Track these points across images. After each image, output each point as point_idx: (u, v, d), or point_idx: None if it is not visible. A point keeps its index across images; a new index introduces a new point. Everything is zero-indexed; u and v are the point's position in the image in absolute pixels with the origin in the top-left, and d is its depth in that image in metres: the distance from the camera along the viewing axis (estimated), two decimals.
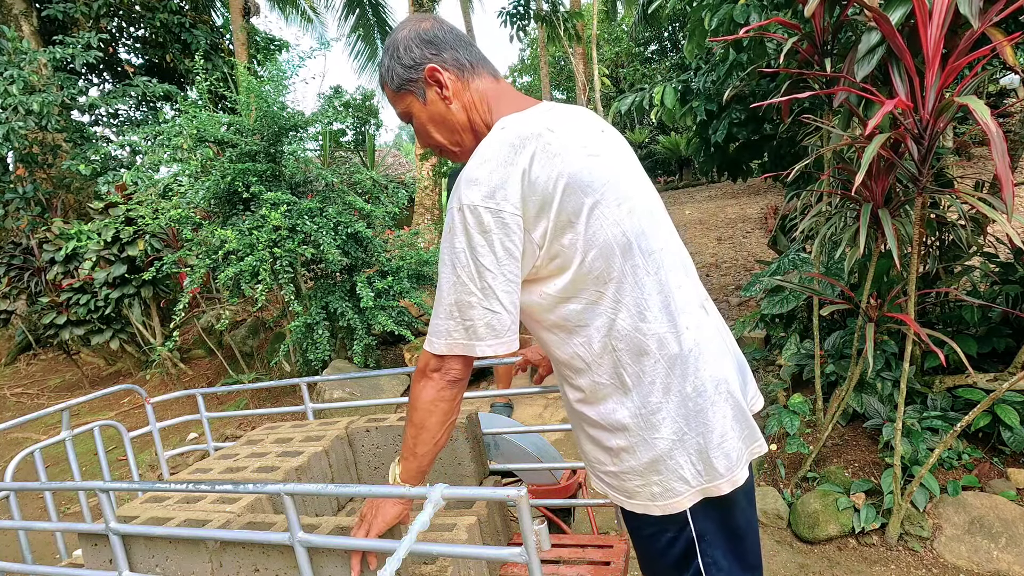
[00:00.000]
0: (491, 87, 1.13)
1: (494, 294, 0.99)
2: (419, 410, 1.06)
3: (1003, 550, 2.28)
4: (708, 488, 1.06)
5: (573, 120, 1.09)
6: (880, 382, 2.86)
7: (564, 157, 1.00)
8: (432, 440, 1.07)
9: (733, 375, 1.11)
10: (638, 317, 1.03)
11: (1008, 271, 2.89)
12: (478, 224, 0.97)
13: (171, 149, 4.73)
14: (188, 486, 1.17)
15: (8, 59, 6.09)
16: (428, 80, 1.10)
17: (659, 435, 1.04)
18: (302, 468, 1.63)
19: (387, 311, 4.74)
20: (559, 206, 0.99)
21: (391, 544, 1.01)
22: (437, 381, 1.04)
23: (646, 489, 1.07)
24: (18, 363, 7.84)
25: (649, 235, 1.05)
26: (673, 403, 1.04)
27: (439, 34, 1.10)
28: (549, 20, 8.11)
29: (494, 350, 1.01)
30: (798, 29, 2.43)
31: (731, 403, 1.07)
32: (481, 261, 0.98)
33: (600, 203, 1.01)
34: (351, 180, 5.15)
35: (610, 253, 1.01)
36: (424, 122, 1.14)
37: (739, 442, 1.07)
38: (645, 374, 1.03)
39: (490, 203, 0.97)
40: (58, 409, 2.01)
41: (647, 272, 1.04)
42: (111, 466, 2.50)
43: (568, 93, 19.83)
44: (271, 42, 9.84)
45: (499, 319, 1.00)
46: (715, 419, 1.05)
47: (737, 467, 1.06)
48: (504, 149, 1.00)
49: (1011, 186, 1.66)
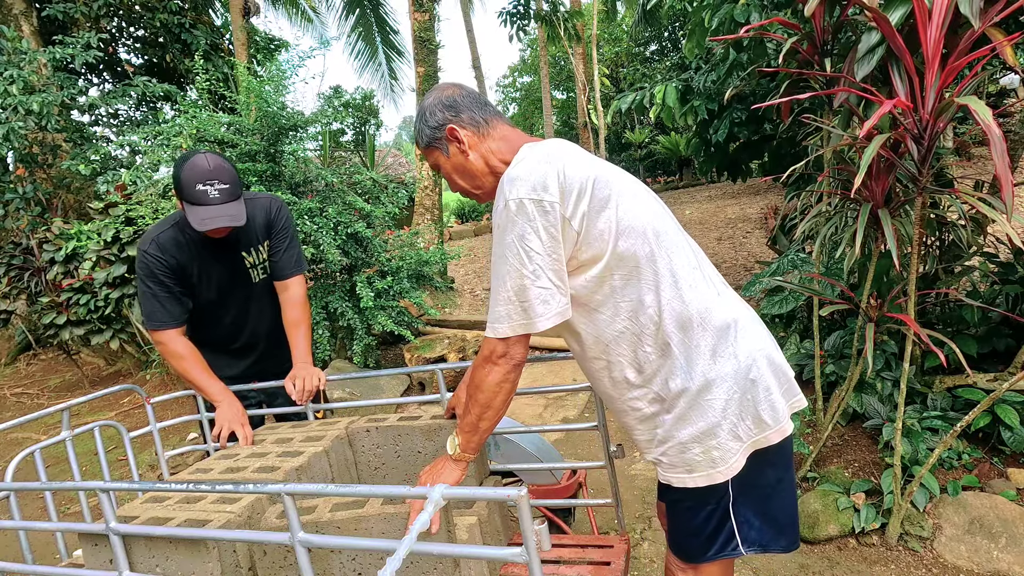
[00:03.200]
0: (507, 133, 1.32)
1: (544, 272, 1.14)
2: (486, 391, 1.21)
3: (1003, 550, 2.28)
4: (759, 440, 1.20)
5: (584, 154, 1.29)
6: (880, 382, 2.86)
7: (587, 163, 1.21)
8: (496, 416, 1.25)
9: (767, 339, 1.26)
10: (677, 288, 1.19)
11: (1008, 271, 2.89)
12: (524, 214, 1.13)
13: (171, 149, 4.73)
14: (188, 486, 1.17)
15: (8, 59, 6.09)
16: (449, 137, 1.30)
17: (711, 396, 1.17)
18: (302, 468, 1.63)
19: (387, 311, 4.73)
20: (592, 195, 1.16)
21: (391, 544, 1.01)
22: (503, 365, 1.19)
23: (706, 455, 1.19)
24: (18, 363, 7.84)
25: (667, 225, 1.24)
26: (721, 366, 1.18)
27: (458, 99, 1.31)
28: (549, 20, 8.11)
29: (552, 321, 1.16)
30: (798, 29, 2.44)
31: (768, 360, 1.22)
32: (530, 246, 1.13)
33: (623, 195, 1.19)
34: (351, 180, 5.15)
35: (641, 234, 1.18)
36: (449, 171, 1.35)
37: (781, 396, 1.22)
38: (692, 341, 1.18)
39: (532, 195, 1.13)
40: (58, 409, 2.00)
41: (675, 251, 1.21)
42: (111, 466, 2.50)
43: (568, 93, 19.81)
44: (271, 42, 9.84)
45: (551, 294, 1.15)
46: (760, 376, 1.19)
47: (784, 418, 1.21)
48: (537, 156, 1.19)
49: (1011, 186, 1.66)
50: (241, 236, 2.07)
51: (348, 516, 1.24)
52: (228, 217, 1.87)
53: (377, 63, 13.73)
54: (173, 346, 2.00)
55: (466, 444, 1.28)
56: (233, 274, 2.11)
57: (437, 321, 6.00)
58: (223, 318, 2.18)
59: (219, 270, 2.08)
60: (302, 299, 2.18)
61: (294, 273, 2.18)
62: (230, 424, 1.93)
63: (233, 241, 2.06)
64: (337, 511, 1.28)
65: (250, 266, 2.13)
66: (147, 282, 1.98)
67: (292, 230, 2.20)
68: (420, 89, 7.44)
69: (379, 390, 4.86)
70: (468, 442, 1.27)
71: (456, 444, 1.30)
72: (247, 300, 2.17)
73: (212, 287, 2.09)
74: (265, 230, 2.13)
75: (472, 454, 1.29)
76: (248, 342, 2.24)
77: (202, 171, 1.84)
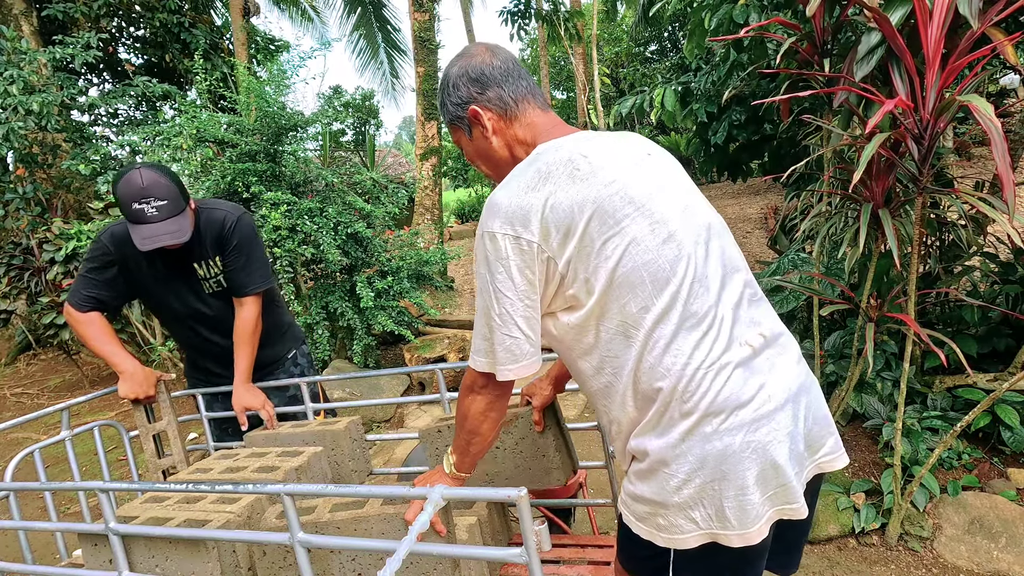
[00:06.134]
0: (537, 119, 1.15)
1: (512, 319, 1.03)
2: (471, 420, 1.15)
3: (1003, 550, 2.28)
4: (717, 535, 1.01)
5: (613, 146, 1.09)
6: (880, 382, 2.86)
7: (592, 183, 1.01)
8: (485, 441, 1.19)
9: (779, 431, 1.00)
10: (662, 353, 1.00)
11: (1008, 271, 2.89)
12: (496, 251, 1.02)
13: (171, 149, 4.73)
14: (188, 486, 1.17)
15: (8, 59, 6.09)
16: (472, 120, 1.16)
17: (670, 471, 1.01)
18: (302, 468, 1.62)
19: (387, 311, 4.73)
20: (583, 233, 1.00)
21: (391, 544, 1.01)
22: (486, 396, 1.12)
23: (653, 519, 1.06)
24: (18, 363, 7.83)
25: (685, 264, 1.01)
26: (691, 444, 1.00)
27: (487, 71, 1.14)
28: (550, 19, 8.11)
29: (515, 374, 1.06)
30: (798, 29, 2.43)
31: (761, 461, 0.99)
32: (499, 287, 1.02)
33: (626, 231, 1.00)
34: (351, 180, 5.15)
35: (636, 283, 1.00)
36: (471, 155, 1.22)
37: (762, 499, 1.00)
38: (668, 411, 1.01)
39: (508, 230, 1.01)
40: (58, 409, 2.00)
41: (677, 306, 1.00)
42: (111, 466, 2.50)
43: (568, 93, 19.80)
44: (271, 42, 9.83)
45: (517, 344, 1.04)
46: (735, 472, 0.98)
47: (753, 524, 0.99)
48: (530, 175, 1.04)
49: (1012, 186, 1.66)
50: (192, 248, 1.99)
51: (348, 516, 1.24)
52: (169, 235, 1.81)
53: (379, 62, 13.74)
54: (75, 320, 2.01)
55: (460, 464, 1.23)
56: (186, 282, 2.07)
57: (437, 321, 6.00)
58: (185, 324, 2.16)
59: (172, 276, 2.05)
60: (251, 320, 2.07)
61: (247, 292, 2.06)
62: (134, 396, 1.96)
63: (182, 251, 1.99)
64: (337, 511, 1.27)
65: (202, 278, 2.06)
66: (86, 263, 2.03)
67: (251, 247, 2.06)
68: (420, 89, 7.43)
69: (379, 390, 4.85)
70: (462, 462, 1.23)
71: (451, 463, 1.25)
72: (203, 309, 2.12)
73: (167, 292, 2.07)
74: (216, 246, 2.03)
75: (467, 473, 1.25)
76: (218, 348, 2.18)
77: (135, 189, 1.78)
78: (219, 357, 2.19)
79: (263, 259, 2.12)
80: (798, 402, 1.04)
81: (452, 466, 1.24)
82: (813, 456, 1.07)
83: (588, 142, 1.09)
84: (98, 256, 2.00)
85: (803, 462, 1.04)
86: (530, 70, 21.77)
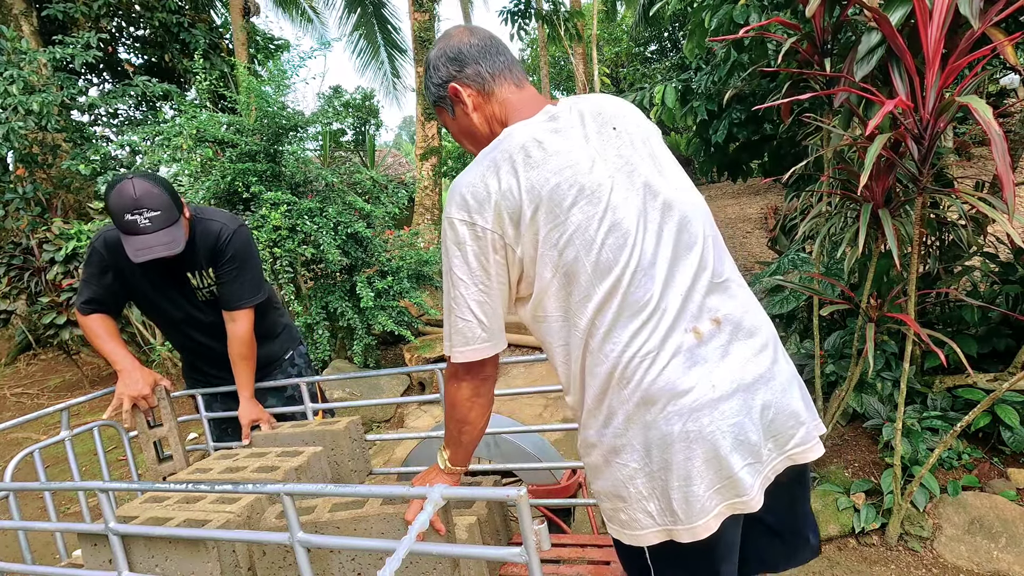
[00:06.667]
0: (511, 96, 1.15)
1: (465, 303, 1.05)
2: (459, 408, 1.14)
3: (1003, 550, 2.28)
4: (670, 530, 1.00)
5: (574, 126, 1.08)
6: (880, 382, 2.86)
7: (541, 171, 1.02)
8: (476, 430, 1.17)
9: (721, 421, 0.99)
10: (602, 341, 1.01)
11: (1008, 271, 2.89)
12: (454, 236, 1.04)
13: (171, 149, 4.73)
14: (188, 486, 1.17)
15: (8, 59, 6.09)
16: (453, 97, 1.16)
17: (621, 460, 1.02)
18: (302, 468, 1.62)
19: (387, 311, 4.74)
20: (531, 222, 1.01)
21: (391, 544, 1.00)
22: (471, 382, 1.12)
23: (615, 515, 1.06)
24: (18, 363, 7.83)
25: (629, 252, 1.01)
26: (634, 432, 1.00)
27: (464, 49, 1.14)
28: (550, 19, 8.11)
29: (465, 356, 1.07)
30: (798, 29, 2.43)
31: (702, 452, 0.98)
32: (455, 272, 1.05)
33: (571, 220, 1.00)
34: (351, 180, 5.15)
35: (578, 272, 1.01)
36: (456, 134, 1.23)
37: (708, 491, 0.98)
38: (608, 399, 1.02)
39: (464, 216, 1.03)
40: (58, 409, 2.00)
41: (617, 294, 1.00)
42: (111, 466, 2.50)
43: (568, 93, 19.81)
44: (271, 42, 9.83)
45: (469, 327, 1.06)
46: (676, 462, 0.98)
47: (698, 517, 0.98)
48: (487, 161, 1.05)
49: (1012, 186, 1.66)
50: (186, 257, 1.97)
51: (347, 516, 1.24)
52: (163, 246, 1.79)
53: (379, 62, 13.74)
54: (81, 323, 2.06)
55: (453, 458, 1.22)
56: (180, 290, 2.06)
57: (437, 321, 6.00)
58: (180, 329, 2.16)
59: (165, 283, 2.05)
60: (245, 335, 2.05)
61: (238, 307, 2.04)
62: (130, 396, 1.94)
63: (175, 260, 1.97)
64: (337, 511, 1.27)
65: (195, 288, 2.05)
66: (84, 268, 2.05)
67: (244, 261, 2.03)
68: (420, 89, 7.43)
69: (379, 390, 4.85)
70: (455, 455, 1.22)
71: (445, 458, 1.24)
72: (197, 315, 2.11)
73: (162, 298, 2.07)
74: (209, 258, 2.01)
75: (462, 466, 1.24)
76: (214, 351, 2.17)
77: (128, 200, 1.75)
78: (215, 360, 2.18)
79: (257, 273, 2.09)
80: (752, 392, 1.02)
81: (446, 461, 1.23)
82: (781, 448, 1.05)
83: (547, 124, 1.08)
84: (95, 262, 2.01)
85: (759, 454, 1.02)
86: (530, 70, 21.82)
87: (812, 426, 1.08)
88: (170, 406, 2.03)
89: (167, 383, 2.04)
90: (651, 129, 1.15)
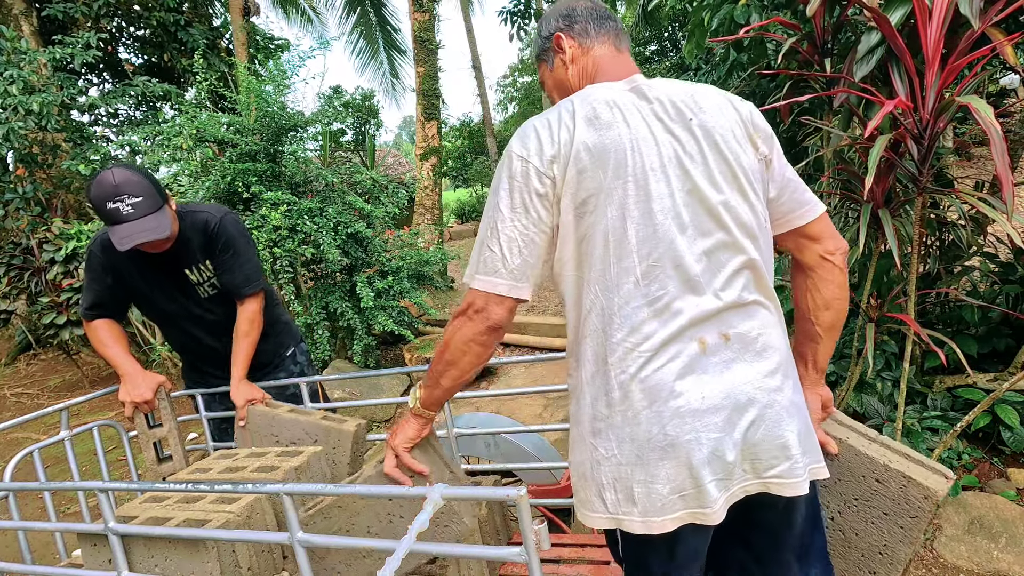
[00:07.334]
0: (608, 54, 1.17)
1: (497, 236, 1.04)
2: (452, 348, 1.09)
3: (1003, 550, 2.28)
4: (620, 520, 1.01)
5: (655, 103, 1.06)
6: (880, 382, 2.86)
7: (601, 136, 1.02)
8: (460, 376, 1.12)
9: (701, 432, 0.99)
10: (608, 321, 1.01)
11: (1008, 271, 2.89)
12: (508, 170, 1.05)
13: (171, 149, 4.73)
14: (187, 486, 1.17)
15: (8, 59, 6.09)
16: (555, 48, 1.20)
17: (595, 443, 1.04)
18: (302, 468, 1.62)
19: (387, 311, 4.74)
20: (576, 182, 1.01)
21: (390, 544, 1.00)
22: (476, 323, 1.06)
23: (577, 491, 1.09)
24: (18, 363, 7.83)
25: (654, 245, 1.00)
26: (614, 421, 1.01)
27: (577, 9, 1.19)
28: None
29: (479, 285, 1.05)
30: (798, 29, 2.43)
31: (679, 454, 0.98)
32: (499, 203, 1.05)
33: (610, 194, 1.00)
34: (351, 180, 5.15)
35: (603, 243, 1.01)
36: (550, 88, 1.25)
37: (672, 495, 0.99)
38: (598, 380, 1.03)
39: (523, 152, 1.04)
40: (57, 409, 2.00)
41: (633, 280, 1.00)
42: (111, 466, 2.50)
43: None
44: (271, 41, 9.83)
45: (493, 259, 1.04)
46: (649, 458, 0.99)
47: (656, 514, 0.99)
48: (560, 110, 1.06)
49: (1011, 186, 1.66)
50: (180, 254, 1.97)
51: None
52: (147, 232, 1.76)
53: (379, 62, 13.73)
54: (86, 329, 2.08)
55: (426, 399, 1.17)
56: (180, 288, 2.05)
57: (437, 321, 6.00)
58: (182, 328, 2.15)
59: (164, 282, 2.04)
60: (253, 314, 2.05)
61: (245, 293, 2.04)
62: (131, 401, 1.96)
63: (170, 258, 1.97)
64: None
65: (195, 283, 2.04)
66: (85, 273, 2.06)
67: (238, 245, 2.03)
68: (420, 89, 7.44)
69: (379, 390, 4.85)
70: (428, 396, 1.16)
71: (417, 397, 1.19)
72: (200, 313, 2.11)
73: (162, 298, 2.07)
74: (204, 250, 2.00)
75: (431, 410, 1.19)
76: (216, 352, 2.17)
77: (108, 188, 1.74)
78: (217, 361, 2.18)
79: (255, 255, 2.09)
80: (742, 411, 1.00)
81: (417, 400, 1.19)
82: (757, 474, 1.03)
83: (627, 93, 1.07)
84: (93, 266, 2.01)
85: (730, 473, 1.00)
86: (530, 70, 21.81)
87: (802, 464, 1.04)
88: (170, 406, 2.03)
89: (167, 384, 2.04)
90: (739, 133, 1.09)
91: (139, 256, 1.95)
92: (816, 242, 1.17)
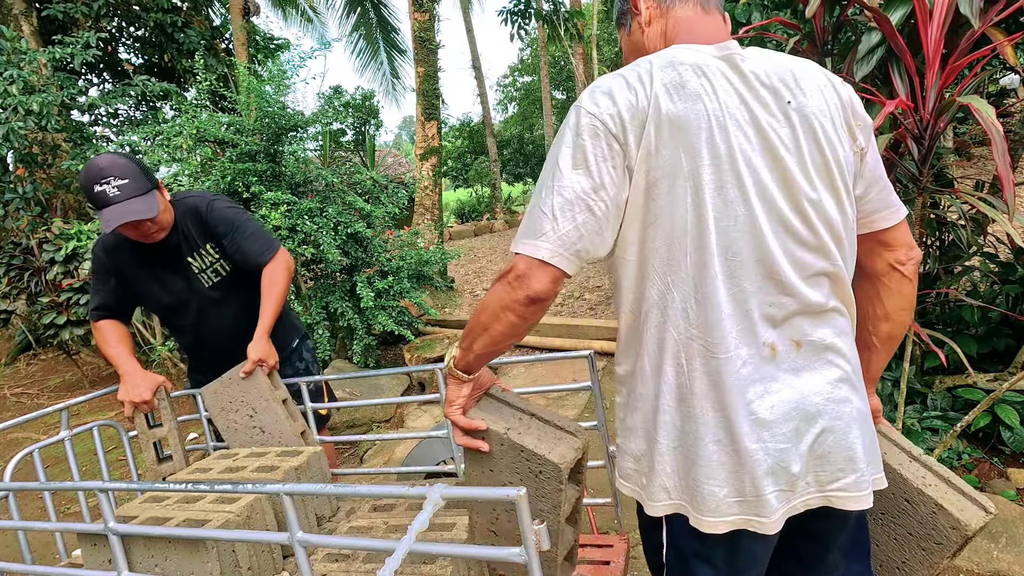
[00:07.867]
0: (692, 15, 1.05)
1: (552, 197, 0.95)
2: (487, 311, 1.01)
3: (1003, 550, 2.28)
4: (682, 505, 1.00)
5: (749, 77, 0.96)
6: (880, 382, 2.86)
7: (686, 108, 0.92)
8: (492, 344, 1.04)
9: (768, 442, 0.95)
10: (675, 315, 0.96)
11: (1008, 271, 2.89)
12: (576, 124, 0.95)
13: (171, 149, 4.73)
14: (187, 486, 1.17)
15: (8, 59, 6.09)
16: (632, 9, 1.11)
17: (659, 435, 1.01)
18: (302, 468, 1.62)
19: (387, 311, 4.74)
20: (652, 153, 0.92)
21: (390, 544, 1.00)
22: (516, 291, 0.97)
23: (638, 477, 1.06)
24: (18, 363, 7.83)
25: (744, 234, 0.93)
26: (679, 416, 0.99)
27: None
28: (550, 19, 8.11)
29: (525, 250, 0.95)
30: (798, 29, 2.44)
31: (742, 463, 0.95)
32: (558, 160, 0.96)
33: (695, 174, 0.92)
34: (351, 180, 5.15)
35: (676, 230, 0.93)
36: (627, 54, 1.15)
37: (727, 497, 0.96)
38: (666, 375, 0.98)
39: (594, 109, 0.94)
40: (57, 409, 2.00)
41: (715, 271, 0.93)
42: (110, 466, 2.50)
43: (568, 93, 19.82)
44: (271, 41, 9.84)
45: (542, 220, 0.95)
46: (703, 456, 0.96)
47: (710, 514, 0.96)
48: (642, 69, 0.96)
49: (1011, 186, 1.66)
50: (181, 242, 1.97)
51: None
52: (133, 213, 1.76)
53: (379, 62, 13.74)
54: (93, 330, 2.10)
55: (459, 359, 1.10)
56: (185, 280, 2.05)
57: (437, 321, 6.00)
58: (184, 323, 2.15)
59: (167, 277, 2.04)
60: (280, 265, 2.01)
61: (266, 259, 2.01)
62: (131, 401, 1.96)
63: (172, 249, 1.97)
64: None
65: (199, 271, 2.03)
66: (93, 276, 2.09)
67: (238, 221, 2.01)
68: (420, 89, 7.44)
69: (379, 390, 4.85)
70: (462, 358, 1.10)
71: (453, 356, 1.12)
72: (203, 305, 2.10)
73: (164, 292, 2.06)
74: (202, 233, 2.00)
75: (464, 372, 1.11)
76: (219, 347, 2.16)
77: (94, 172, 1.75)
78: (222, 356, 2.18)
79: (256, 225, 2.07)
80: (810, 423, 0.96)
81: (452, 359, 1.12)
82: (821, 487, 0.99)
83: (718, 60, 0.97)
84: (97, 268, 2.03)
85: (794, 484, 0.97)
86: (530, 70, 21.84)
87: (868, 476, 0.99)
88: (170, 406, 2.03)
89: (167, 384, 2.04)
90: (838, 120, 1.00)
91: (141, 252, 1.96)
92: (890, 249, 1.09)
